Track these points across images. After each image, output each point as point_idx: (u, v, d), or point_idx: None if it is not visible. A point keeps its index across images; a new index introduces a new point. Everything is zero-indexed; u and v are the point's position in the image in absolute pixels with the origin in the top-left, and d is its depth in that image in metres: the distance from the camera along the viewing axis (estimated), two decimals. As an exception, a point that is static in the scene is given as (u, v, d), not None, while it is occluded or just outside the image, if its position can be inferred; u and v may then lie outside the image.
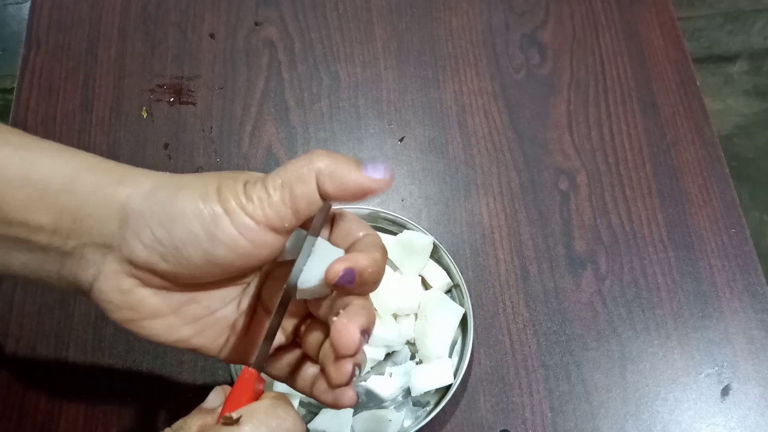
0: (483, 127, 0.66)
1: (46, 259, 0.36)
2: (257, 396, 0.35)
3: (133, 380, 0.56)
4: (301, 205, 0.35)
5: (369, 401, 0.54)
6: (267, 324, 0.36)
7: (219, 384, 0.56)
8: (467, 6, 0.73)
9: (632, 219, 0.62)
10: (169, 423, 0.33)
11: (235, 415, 0.32)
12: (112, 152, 0.65)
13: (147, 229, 0.34)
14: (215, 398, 0.37)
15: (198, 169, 0.64)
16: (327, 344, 0.36)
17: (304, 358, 0.40)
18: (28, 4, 0.73)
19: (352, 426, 0.52)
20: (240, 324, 0.40)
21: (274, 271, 0.40)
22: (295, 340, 0.40)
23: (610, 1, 0.73)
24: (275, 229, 0.35)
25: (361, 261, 0.35)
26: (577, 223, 0.62)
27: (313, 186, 0.35)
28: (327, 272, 0.34)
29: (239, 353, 0.40)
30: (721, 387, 0.56)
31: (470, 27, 0.71)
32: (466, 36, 0.71)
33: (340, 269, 0.34)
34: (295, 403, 0.53)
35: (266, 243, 0.35)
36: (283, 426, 0.33)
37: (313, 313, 0.39)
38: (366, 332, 0.35)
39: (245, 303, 0.40)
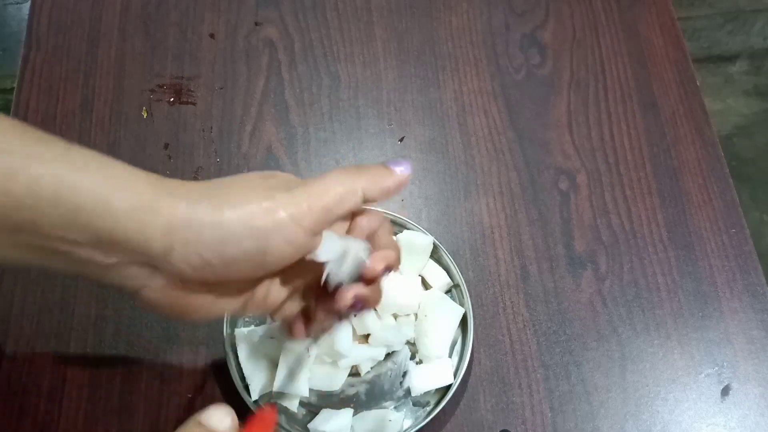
0: (483, 127, 0.66)
1: (88, 269, 0.36)
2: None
3: (134, 380, 0.56)
4: (343, 213, 0.39)
5: (369, 401, 0.54)
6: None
7: (220, 385, 0.56)
8: (467, 6, 0.73)
9: (632, 219, 0.62)
10: (170, 422, 0.33)
11: None
12: (112, 152, 0.64)
13: (195, 255, 0.35)
14: (222, 418, 0.36)
15: (198, 169, 0.64)
16: None
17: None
18: (28, 4, 0.73)
19: (352, 426, 0.52)
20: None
21: None
22: None
23: (610, 1, 0.73)
24: (316, 233, 0.38)
25: (365, 292, 0.40)
26: (577, 223, 0.62)
27: (358, 199, 0.39)
28: (337, 300, 0.40)
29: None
30: (721, 387, 0.56)
31: (470, 27, 0.71)
32: (466, 36, 0.71)
33: (349, 299, 0.40)
34: (295, 403, 0.53)
35: (308, 246, 0.38)
36: None
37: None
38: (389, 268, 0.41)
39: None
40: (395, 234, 0.59)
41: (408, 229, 0.58)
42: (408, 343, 0.56)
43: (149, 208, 0.35)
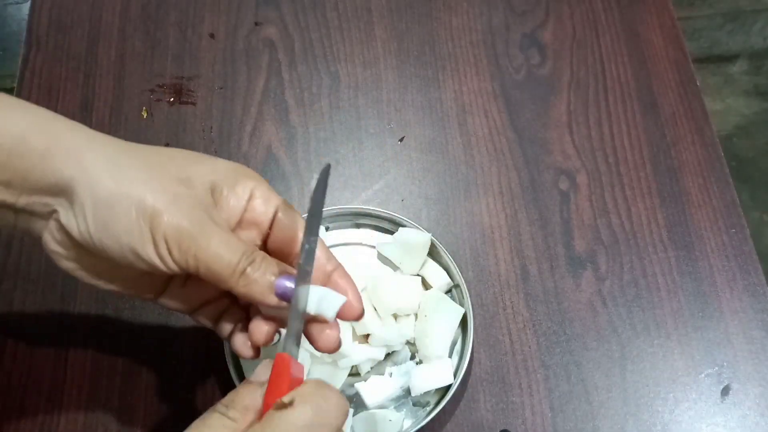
0: (483, 127, 0.66)
1: (3, 212, 0.39)
2: (297, 380, 0.36)
3: (134, 380, 0.56)
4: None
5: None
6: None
7: (220, 385, 0.56)
8: (467, 6, 0.73)
9: (632, 219, 0.62)
10: (170, 422, 0.33)
11: (287, 400, 0.34)
12: (112, 152, 0.65)
13: (83, 222, 0.37)
14: (264, 372, 0.37)
15: (198, 169, 0.64)
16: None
17: (231, 306, 0.44)
18: (28, 4, 0.73)
19: (352, 426, 0.52)
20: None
21: None
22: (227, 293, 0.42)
23: (610, 1, 0.73)
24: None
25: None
26: (577, 223, 0.62)
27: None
28: (322, 339, 0.40)
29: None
30: (721, 387, 0.56)
31: (470, 27, 0.71)
32: (466, 36, 0.71)
33: (335, 340, 0.40)
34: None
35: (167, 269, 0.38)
36: (331, 404, 0.35)
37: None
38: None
39: None
40: (393, 234, 0.59)
41: (405, 227, 0.58)
42: (408, 343, 0.56)
43: (62, 155, 0.37)
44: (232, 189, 0.40)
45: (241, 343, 0.42)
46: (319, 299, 0.39)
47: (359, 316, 0.41)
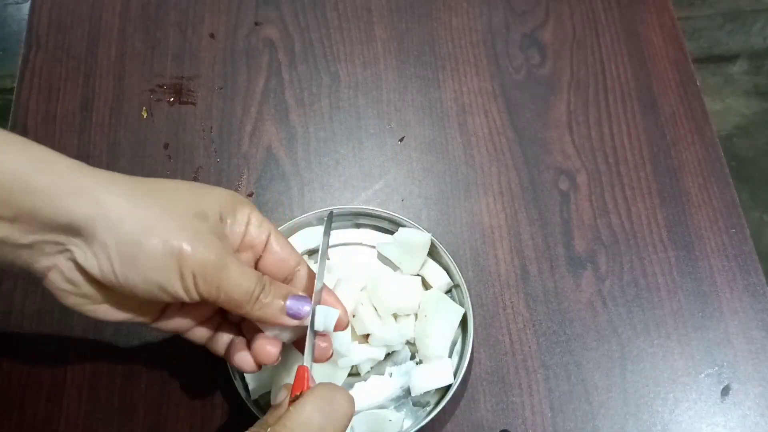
0: (483, 127, 0.66)
1: (4, 249, 0.38)
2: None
3: (134, 380, 0.56)
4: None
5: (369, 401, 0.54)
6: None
7: (220, 385, 0.56)
8: (467, 6, 0.73)
9: (632, 219, 0.62)
10: (170, 422, 0.33)
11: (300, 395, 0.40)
12: (112, 152, 0.65)
13: (105, 259, 0.38)
14: (282, 394, 0.42)
15: (198, 170, 0.64)
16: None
17: (223, 323, 0.47)
18: (28, 4, 0.73)
19: (352, 426, 0.52)
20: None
21: None
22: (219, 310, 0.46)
23: (610, 1, 0.73)
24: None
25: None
26: (577, 223, 0.62)
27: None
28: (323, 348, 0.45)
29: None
30: (721, 387, 0.56)
31: (470, 27, 0.71)
32: (466, 36, 0.71)
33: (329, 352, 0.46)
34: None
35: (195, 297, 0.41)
36: (338, 400, 0.40)
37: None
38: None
39: None
40: (393, 234, 0.59)
41: (404, 227, 0.58)
42: (408, 343, 0.56)
43: (73, 194, 0.37)
44: (234, 217, 0.43)
45: (241, 360, 0.45)
46: (324, 317, 0.44)
47: (346, 327, 0.47)
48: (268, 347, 0.43)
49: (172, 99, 0.68)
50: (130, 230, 0.38)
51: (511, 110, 0.67)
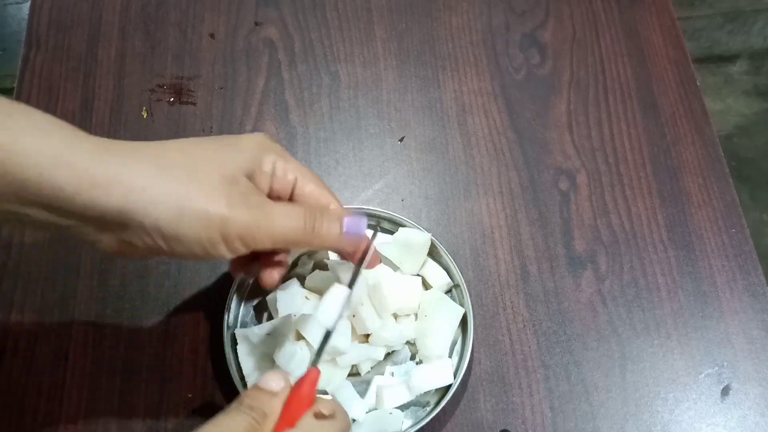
0: (483, 127, 0.66)
1: (45, 228, 0.41)
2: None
3: (134, 380, 0.56)
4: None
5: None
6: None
7: (220, 385, 0.56)
8: (467, 6, 0.73)
9: (632, 219, 0.62)
10: (170, 422, 0.33)
11: (326, 411, 0.39)
12: (112, 152, 0.65)
13: (149, 238, 0.39)
14: (278, 381, 0.41)
15: (198, 169, 0.64)
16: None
17: None
18: (28, 4, 0.73)
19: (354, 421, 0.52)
20: None
21: None
22: None
23: (610, 1, 0.73)
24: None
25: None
26: (577, 223, 0.62)
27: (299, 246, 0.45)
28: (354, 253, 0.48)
29: None
30: (721, 387, 0.56)
31: (470, 27, 0.71)
32: (466, 36, 0.71)
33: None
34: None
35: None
36: (348, 419, 0.42)
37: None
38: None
39: None
40: (393, 234, 0.59)
41: (404, 226, 0.58)
42: (408, 343, 0.56)
43: (105, 185, 0.37)
44: (261, 168, 0.44)
45: (267, 275, 0.46)
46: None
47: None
48: (273, 273, 0.46)
49: (172, 99, 0.68)
50: (165, 211, 0.38)
51: (511, 110, 0.67)
